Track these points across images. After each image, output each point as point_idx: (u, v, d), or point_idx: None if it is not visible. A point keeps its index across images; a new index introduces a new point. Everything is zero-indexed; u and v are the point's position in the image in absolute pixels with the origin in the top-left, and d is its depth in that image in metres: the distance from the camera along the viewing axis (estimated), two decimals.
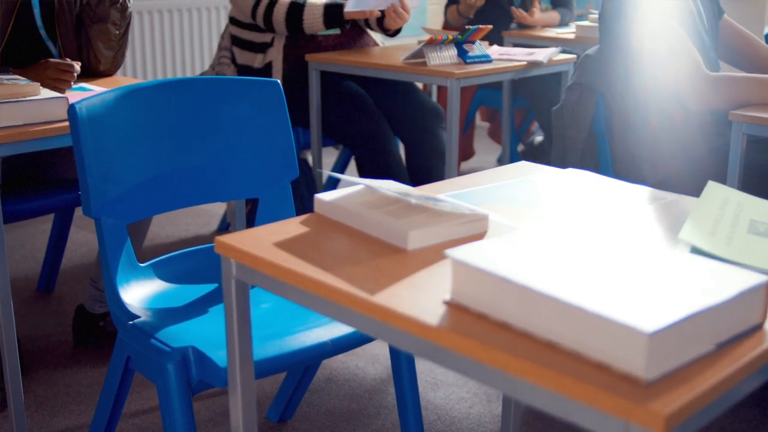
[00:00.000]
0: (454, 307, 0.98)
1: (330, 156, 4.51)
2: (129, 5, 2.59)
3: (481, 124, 5.55)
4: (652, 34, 2.27)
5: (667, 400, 0.78)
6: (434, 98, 3.73)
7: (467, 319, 0.95)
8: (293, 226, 1.27)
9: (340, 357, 2.59)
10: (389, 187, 1.31)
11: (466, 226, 1.21)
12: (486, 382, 0.90)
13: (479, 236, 1.22)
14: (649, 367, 0.81)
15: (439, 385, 2.42)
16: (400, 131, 3.30)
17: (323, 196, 1.31)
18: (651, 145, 2.39)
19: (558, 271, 0.94)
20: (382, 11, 3.07)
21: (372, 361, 2.58)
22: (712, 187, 1.33)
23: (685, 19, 2.32)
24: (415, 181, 3.20)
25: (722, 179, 2.20)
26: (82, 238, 3.63)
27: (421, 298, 1.01)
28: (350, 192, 1.33)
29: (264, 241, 1.19)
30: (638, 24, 2.30)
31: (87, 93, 2.18)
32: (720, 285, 0.90)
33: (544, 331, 0.89)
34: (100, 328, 2.60)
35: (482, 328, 0.93)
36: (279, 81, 1.98)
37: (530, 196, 1.41)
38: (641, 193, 1.44)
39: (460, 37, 2.87)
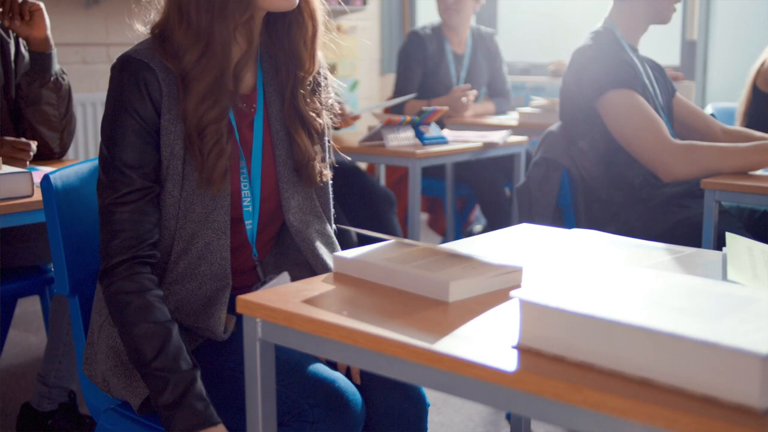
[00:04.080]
0: (525, 351, 0.92)
1: None
2: (64, 82, 2.47)
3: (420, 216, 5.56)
4: (614, 108, 2.31)
5: None
6: (382, 182, 3.72)
7: (543, 362, 0.89)
8: (316, 284, 1.19)
9: None
10: (411, 242, 1.26)
11: (502, 278, 1.16)
12: (577, 426, 0.84)
13: (515, 288, 1.17)
14: (763, 394, 0.76)
15: None
16: (352, 218, 3.26)
17: (344, 254, 1.25)
18: (617, 219, 2.41)
19: (634, 307, 0.89)
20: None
21: None
22: (733, 238, 1.32)
23: (644, 94, 2.38)
24: None
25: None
26: (14, 337, 3.42)
27: (484, 346, 0.94)
28: (371, 249, 1.27)
29: (291, 298, 1.12)
30: (599, 98, 2.34)
31: (38, 173, 2.07)
32: None
33: (634, 367, 0.84)
34: (47, 427, 2.41)
35: (562, 369, 0.87)
36: None
37: (548, 252, 1.38)
38: (656, 246, 1.42)
39: (417, 118, 2.88)
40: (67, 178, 1.64)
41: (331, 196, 1.60)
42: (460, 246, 1.40)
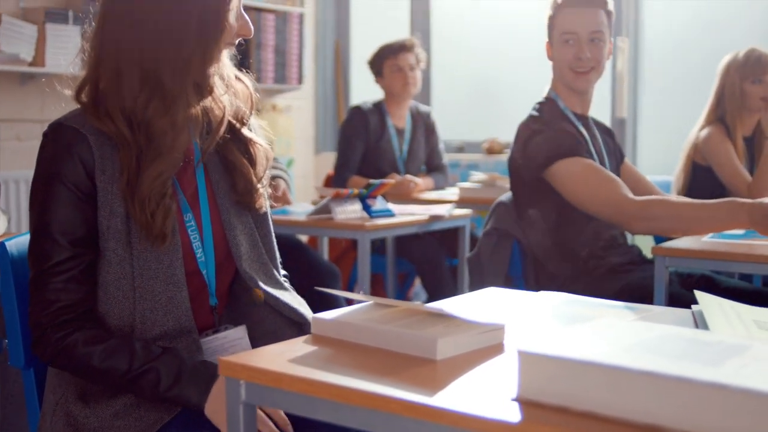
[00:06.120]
0: (526, 403, 0.91)
1: None
2: None
3: None
4: (566, 177, 2.35)
5: None
6: (325, 257, 3.70)
7: (546, 413, 0.88)
8: (297, 346, 1.17)
9: None
10: (390, 302, 1.26)
11: (486, 335, 1.16)
12: None
13: (498, 346, 1.16)
14: None
15: None
16: (296, 293, 3.22)
17: (323, 316, 1.23)
18: (564, 290, 2.43)
19: (633, 355, 0.89)
20: None
21: None
22: (703, 296, 1.35)
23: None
24: None
25: None
26: None
27: (482, 400, 0.93)
28: (350, 310, 1.26)
29: (276, 359, 1.09)
30: (548, 170, 2.38)
31: None
32: None
33: (641, 414, 0.84)
34: None
35: (567, 420, 0.86)
36: None
37: (521, 312, 1.38)
38: (625, 306, 1.44)
39: (364, 191, 2.89)
40: (23, 246, 1.58)
41: (274, 242, 1.60)
42: (438, 306, 1.39)
